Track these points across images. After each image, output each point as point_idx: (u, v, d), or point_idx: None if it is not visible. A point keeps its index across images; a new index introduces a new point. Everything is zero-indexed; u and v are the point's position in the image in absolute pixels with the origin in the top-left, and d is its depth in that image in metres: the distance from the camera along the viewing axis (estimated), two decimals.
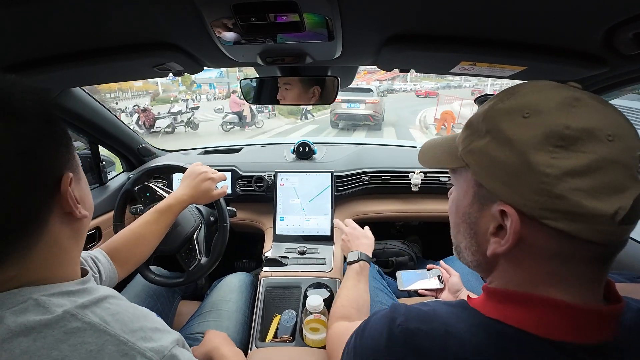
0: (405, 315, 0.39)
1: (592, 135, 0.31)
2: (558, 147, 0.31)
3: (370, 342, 0.40)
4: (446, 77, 29.83)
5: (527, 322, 0.34)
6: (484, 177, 0.36)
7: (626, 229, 0.32)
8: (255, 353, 0.82)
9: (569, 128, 0.31)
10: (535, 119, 0.33)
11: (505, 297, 0.36)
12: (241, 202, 1.32)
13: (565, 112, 0.32)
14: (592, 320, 0.33)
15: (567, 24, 0.52)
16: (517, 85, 0.37)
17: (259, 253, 1.19)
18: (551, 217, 0.32)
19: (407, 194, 1.33)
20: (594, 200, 0.30)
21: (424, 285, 0.92)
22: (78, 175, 0.42)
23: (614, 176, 0.30)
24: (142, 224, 0.76)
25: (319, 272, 1.04)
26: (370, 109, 8.85)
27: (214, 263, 0.97)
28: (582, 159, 0.30)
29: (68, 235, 0.40)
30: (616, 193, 0.30)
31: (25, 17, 0.50)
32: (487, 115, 0.36)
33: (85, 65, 0.68)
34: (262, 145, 1.66)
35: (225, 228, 0.98)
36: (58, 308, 0.35)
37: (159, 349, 0.37)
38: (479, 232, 0.39)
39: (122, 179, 1.40)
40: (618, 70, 0.63)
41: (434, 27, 0.57)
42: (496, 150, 0.34)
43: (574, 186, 0.30)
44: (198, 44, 0.65)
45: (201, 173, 0.85)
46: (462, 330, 0.35)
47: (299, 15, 0.50)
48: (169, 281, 0.98)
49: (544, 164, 0.31)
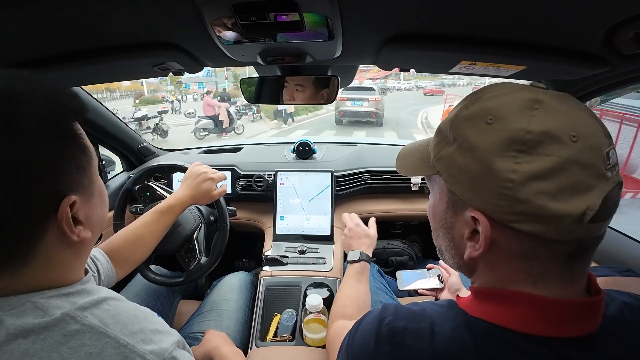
0: (394, 314, 0.40)
1: (554, 138, 0.31)
2: (521, 152, 0.31)
3: (360, 341, 0.41)
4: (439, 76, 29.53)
5: (509, 319, 0.34)
6: (453, 184, 0.37)
7: (598, 226, 0.32)
8: (255, 352, 0.82)
9: (530, 132, 0.31)
10: (498, 125, 0.33)
11: (487, 296, 0.37)
12: (241, 201, 1.32)
13: (527, 116, 0.32)
14: (572, 314, 0.34)
15: (567, 24, 0.52)
16: (481, 89, 0.38)
17: (259, 252, 1.19)
18: (518, 220, 0.32)
19: (407, 193, 1.33)
20: (559, 203, 0.30)
21: (423, 285, 0.92)
22: (90, 192, 0.40)
23: (579, 177, 0.30)
24: (141, 225, 0.76)
25: (319, 271, 1.04)
26: (372, 106, 9.49)
27: (213, 263, 0.97)
28: (545, 162, 0.31)
29: (67, 253, 0.38)
30: (581, 193, 0.30)
31: (25, 16, 0.50)
32: (453, 123, 0.37)
33: (85, 65, 0.68)
34: (262, 145, 1.66)
35: (226, 228, 0.98)
36: (57, 310, 0.35)
37: (159, 351, 0.36)
38: (456, 236, 0.39)
39: (122, 178, 1.40)
40: (618, 69, 0.63)
41: (434, 26, 0.57)
42: (461, 157, 0.35)
43: (538, 190, 0.31)
44: (198, 44, 0.65)
45: (201, 173, 0.85)
46: (448, 329, 0.36)
47: (299, 14, 0.50)
48: (169, 280, 0.98)
49: (507, 169, 0.32)
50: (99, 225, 0.43)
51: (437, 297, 0.91)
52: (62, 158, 0.35)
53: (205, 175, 0.85)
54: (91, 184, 0.40)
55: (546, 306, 0.34)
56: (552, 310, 0.34)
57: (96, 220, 0.42)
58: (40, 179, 0.33)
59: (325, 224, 1.20)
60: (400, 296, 1.09)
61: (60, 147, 0.35)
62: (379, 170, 1.34)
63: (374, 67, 0.82)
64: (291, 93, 0.88)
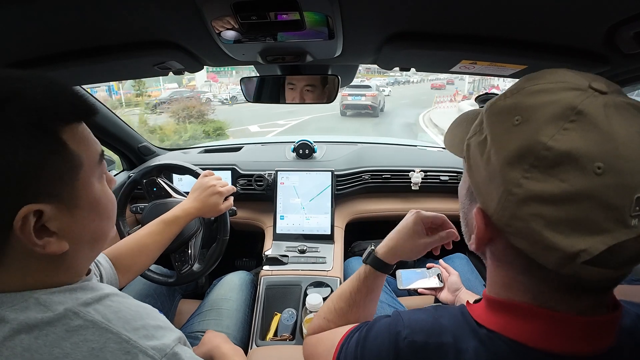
0: (410, 327, 0.38)
1: (575, 163, 0.26)
2: (533, 168, 0.28)
3: (375, 356, 0.39)
4: (387, 73, 25.99)
5: (527, 335, 0.33)
6: (470, 174, 0.35)
7: (601, 272, 0.28)
8: (256, 351, 0.82)
9: (548, 149, 0.27)
10: (523, 128, 0.29)
11: (501, 306, 0.35)
12: (241, 200, 1.32)
13: (556, 129, 0.27)
14: (590, 331, 0.32)
15: (569, 22, 0.52)
16: (535, 75, 0.32)
17: (259, 252, 1.19)
18: (513, 233, 0.30)
19: (408, 192, 1.33)
20: (554, 233, 0.27)
21: (423, 284, 0.92)
22: (73, 204, 0.36)
23: (590, 214, 0.26)
24: (147, 234, 0.76)
25: (319, 270, 1.04)
26: (369, 100, 11.57)
27: (205, 272, 0.96)
28: (554, 187, 0.27)
29: (42, 262, 0.36)
30: (586, 233, 0.27)
31: (24, 16, 0.50)
32: (488, 111, 0.34)
33: (84, 64, 0.68)
34: (263, 144, 1.66)
35: (224, 241, 0.97)
36: (59, 306, 0.35)
37: (161, 347, 0.36)
38: (469, 222, 0.39)
39: (122, 177, 1.40)
40: (619, 69, 0.63)
41: (434, 25, 0.57)
42: (482, 151, 0.33)
43: (537, 212, 0.28)
44: (198, 43, 0.65)
45: (210, 186, 0.84)
46: (471, 346, 0.34)
47: (299, 13, 0.50)
48: (160, 278, 0.97)
49: (513, 181, 0.29)
50: (92, 238, 0.40)
51: (436, 297, 0.91)
52: (34, 166, 0.33)
53: (213, 189, 0.84)
54: (75, 195, 0.37)
55: (568, 323, 0.32)
56: (575, 327, 0.32)
57: (85, 233, 0.39)
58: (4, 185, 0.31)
59: (325, 224, 1.20)
60: (400, 295, 1.09)
61: (36, 154, 0.33)
62: (379, 170, 1.34)
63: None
64: (302, 95, 0.89)
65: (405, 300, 1.07)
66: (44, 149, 0.33)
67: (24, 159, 0.32)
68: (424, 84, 26.60)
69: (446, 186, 1.33)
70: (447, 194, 1.36)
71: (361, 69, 1.48)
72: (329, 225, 1.20)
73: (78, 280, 0.40)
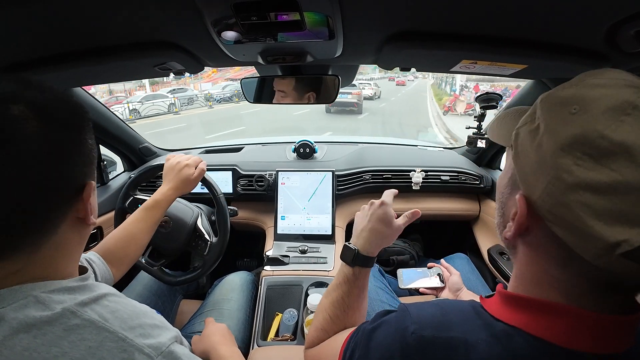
0: (418, 322, 0.38)
1: (629, 154, 0.27)
2: (586, 155, 0.29)
3: (380, 353, 0.39)
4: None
5: (551, 333, 0.33)
6: (517, 162, 0.36)
7: (635, 266, 0.28)
8: (257, 352, 0.82)
9: (604, 138, 0.28)
10: (580, 117, 0.30)
11: (521, 303, 0.36)
12: (242, 201, 1.33)
13: (613, 120, 0.28)
14: (612, 330, 0.32)
15: (569, 21, 0.52)
16: (594, 72, 0.33)
17: (260, 252, 1.19)
18: (554, 221, 0.31)
19: (408, 192, 1.33)
20: (598, 222, 0.28)
21: (424, 284, 0.92)
22: (95, 182, 0.44)
23: (635, 206, 0.27)
24: (131, 223, 0.77)
25: (321, 271, 1.04)
26: (354, 98, 12.43)
27: (224, 240, 0.97)
28: (605, 176, 0.28)
29: (76, 239, 0.43)
30: (630, 224, 0.27)
31: (25, 16, 0.50)
32: (544, 100, 0.34)
33: (85, 65, 0.68)
34: (263, 145, 1.66)
35: (221, 199, 0.98)
36: (58, 305, 0.35)
37: (157, 345, 0.37)
38: (506, 213, 0.39)
39: (123, 178, 1.40)
40: (620, 67, 0.63)
41: (435, 25, 0.57)
42: (533, 139, 0.33)
43: (584, 201, 0.28)
44: (199, 44, 0.65)
45: (176, 164, 0.86)
46: (482, 340, 0.34)
47: (299, 14, 0.50)
48: (189, 276, 0.97)
49: (564, 168, 0.30)
50: (96, 214, 0.46)
51: (437, 296, 0.91)
52: (80, 149, 0.40)
53: (180, 164, 0.86)
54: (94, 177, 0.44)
55: (596, 321, 0.32)
56: (602, 326, 0.32)
57: (96, 209, 0.45)
58: (66, 166, 0.38)
59: (326, 224, 1.20)
60: (401, 295, 1.09)
61: (79, 139, 0.40)
62: (379, 170, 1.34)
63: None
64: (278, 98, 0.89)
65: (406, 300, 1.07)
66: (83, 135, 0.41)
67: (92, 143, 0.42)
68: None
69: (447, 186, 1.33)
70: (447, 194, 1.36)
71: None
72: (329, 226, 1.20)
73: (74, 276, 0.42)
